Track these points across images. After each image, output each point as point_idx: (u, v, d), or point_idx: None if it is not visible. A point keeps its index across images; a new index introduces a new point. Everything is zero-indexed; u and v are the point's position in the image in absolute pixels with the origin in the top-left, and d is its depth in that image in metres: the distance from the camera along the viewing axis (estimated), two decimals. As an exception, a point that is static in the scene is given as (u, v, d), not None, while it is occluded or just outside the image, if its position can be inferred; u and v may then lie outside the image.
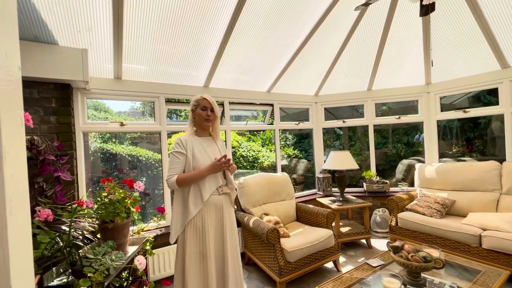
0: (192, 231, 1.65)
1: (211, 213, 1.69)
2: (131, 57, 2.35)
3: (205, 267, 1.63)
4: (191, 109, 1.77)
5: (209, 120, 1.75)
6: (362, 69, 3.58)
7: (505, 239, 2.24)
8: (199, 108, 1.74)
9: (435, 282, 1.72)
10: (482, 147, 4.90)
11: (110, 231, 1.70)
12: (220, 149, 1.83)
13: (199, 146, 1.73)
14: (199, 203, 1.65)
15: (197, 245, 1.64)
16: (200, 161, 1.68)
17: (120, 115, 4.56)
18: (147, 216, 2.89)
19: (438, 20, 2.85)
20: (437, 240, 2.68)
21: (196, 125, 1.80)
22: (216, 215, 1.72)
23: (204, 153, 1.73)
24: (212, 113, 1.75)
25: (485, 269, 1.88)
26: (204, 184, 1.67)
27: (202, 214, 1.66)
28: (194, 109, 1.76)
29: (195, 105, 1.75)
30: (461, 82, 3.36)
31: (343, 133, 5.69)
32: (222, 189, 1.75)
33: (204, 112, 1.73)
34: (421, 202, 3.01)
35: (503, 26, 2.64)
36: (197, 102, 1.75)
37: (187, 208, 1.64)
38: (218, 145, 1.84)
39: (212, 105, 1.74)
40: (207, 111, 1.73)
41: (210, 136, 1.84)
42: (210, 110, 1.74)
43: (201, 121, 1.75)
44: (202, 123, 1.75)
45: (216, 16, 2.27)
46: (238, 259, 1.79)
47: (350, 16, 2.85)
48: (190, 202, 1.63)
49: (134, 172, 3.32)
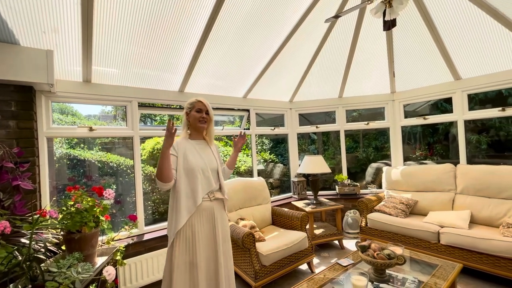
0: (181, 240, 1.59)
1: (202, 221, 1.65)
2: (101, 59, 2.28)
3: (195, 278, 1.57)
4: (186, 112, 1.75)
5: (203, 122, 1.73)
6: (334, 77, 3.77)
7: (459, 235, 2.46)
8: (193, 110, 1.72)
9: (398, 277, 1.85)
10: (442, 151, 5.33)
11: (77, 242, 1.62)
12: (214, 152, 1.81)
13: (191, 148, 1.70)
14: (191, 207, 1.61)
15: (186, 255, 1.58)
16: (192, 162, 1.65)
17: (90, 119, 4.34)
18: (118, 225, 2.77)
19: (400, 34, 3.10)
20: (402, 238, 2.87)
21: (190, 127, 1.78)
22: (208, 223, 1.67)
23: (197, 154, 1.70)
24: (207, 116, 1.74)
25: (442, 263, 2.05)
26: (196, 186, 1.63)
27: (192, 221, 1.61)
28: (188, 111, 1.74)
29: (189, 107, 1.74)
30: (421, 91, 3.66)
31: (317, 138, 5.90)
32: (213, 194, 1.72)
33: (199, 114, 1.72)
34: (388, 203, 3.21)
35: (455, 42, 2.94)
36: (192, 104, 1.74)
37: (178, 213, 1.59)
38: (212, 149, 1.82)
39: (207, 108, 1.74)
40: (202, 113, 1.72)
41: (204, 140, 1.82)
42: (205, 113, 1.73)
43: (196, 122, 1.73)
44: (197, 124, 1.73)
45: (192, 20, 2.27)
46: (231, 269, 1.76)
47: (321, 27, 3.00)
48: (182, 206, 1.59)
49: (104, 179, 3.17)
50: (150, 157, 3.65)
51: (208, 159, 1.73)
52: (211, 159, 1.76)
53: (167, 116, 5.60)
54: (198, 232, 1.61)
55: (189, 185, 1.63)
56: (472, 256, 2.38)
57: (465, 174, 3.00)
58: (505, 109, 3.04)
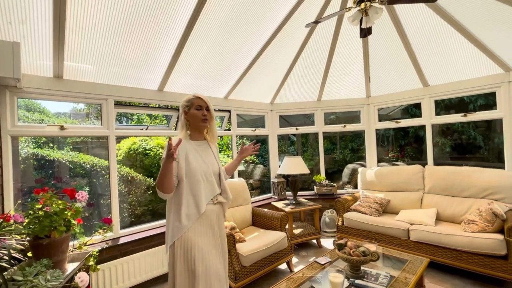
0: (181, 247, 1.45)
1: (203, 226, 1.51)
2: (75, 55, 2.16)
3: (196, 286, 1.45)
4: (183, 111, 1.59)
5: (206, 120, 1.58)
6: (313, 81, 3.87)
7: (426, 232, 2.63)
8: (193, 108, 1.56)
9: (372, 273, 1.94)
10: (412, 153, 5.67)
11: (45, 247, 1.52)
12: (214, 153, 1.68)
13: (193, 151, 1.55)
14: (193, 215, 1.46)
15: (187, 263, 1.45)
16: (195, 167, 1.49)
17: (60, 116, 4.09)
18: (91, 228, 2.64)
19: (375, 42, 3.26)
20: (376, 236, 3.01)
21: (190, 127, 1.61)
22: (210, 228, 1.54)
23: (199, 157, 1.55)
24: (208, 113, 1.59)
25: (411, 258, 2.19)
26: (199, 193, 1.48)
27: (194, 228, 1.48)
28: (187, 110, 1.58)
29: (187, 105, 1.58)
30: (394, 96, 3.88)
31: (297, 139, 6.02)
32: (216, 198, 1.59)
33: (199, 112, 1.56)
34: (363, 203, 3.36)
35: (424, 51, 3.15)
36: (190, 102, 1.58)
37: (178, 221, 1.44)
38: (212, 149, 1.68)
39: (208, 104, 1.59)
40: (202, 110, 1.57)
41: (205, 139, 1.67)
42: (206, 109, 1.58)
43: (197, 122, 1.57)
44: (199, 124, 1.58)
45: (173, 18, 2.23)
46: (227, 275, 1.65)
47: (302, 31, 3.07)
48: (182, 214, 1.44)
49: (75, 180, 3.00)
50: (127, 158, 3.52)
51: (210, 162, 1.60)
52: (213, 161, 1.62)
53: (145, 115, 5.43)
54: (200, 239, 1.48)
55: (191, 191, 1.48)
56: (438, 251, 2.56)
57: (432, 175, 3.22)
58: (466, 114, 3.31)
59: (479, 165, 3.07)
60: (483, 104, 4.67)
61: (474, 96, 4.77)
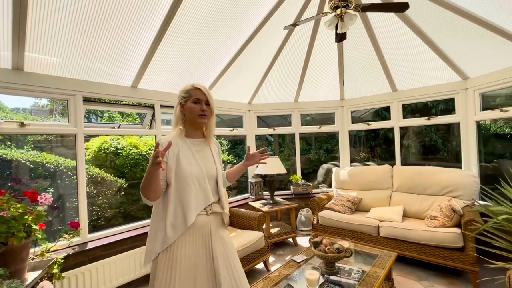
0: (167, 260, 1.20)
1: (194, 241, 1.27)
2: (38, 45, 1.99)
3: None
4: (179, 103, 1.37)
5: (204, 116, 1.36)
6: (291, 82, 3.94)
7: (394, 227, 2.80)
8: (190, 101, 1.34)
9: (346, 269, 2.02)
10: (381, 153, 6.00)
11: (1, 256, 1.39)
12: (214, 154, 1.45)
13: (186, 150, 1.33)
14: (180, 226, 1.22)
15: (171, 278, 1.18)
16: (186, 169, 1.27)
17: (18, 112, 3.76)
18: (55, 233, 2.45)
19: (349, 47, 3.40)
20: (349, 233, 3.14)
21: (186, 123, 1.38)
22: (202, 241, 1.29)
23: (193, 159, 1.33)
24: (208, 108, 1.37)
25: (381, 253, 2.31)
26: (189, 201, 1.25)
27: (180, 242, 1.23)
28: (183, 102, 1.36)
29: (184, 97, 1.36)
30: (366, 99, 4.08)
31: (274, 140, 6.10)
32: (211, 207, 1.35)
33: (197, 106, 1.34)
34: (336, 201, 3.48)
35: (393, 58, 3.35)
36: (188, 93, 1.36)
37: (162, 231, 1.22)
38: (212, 149, 1.46)
39: (208, 97, 1.37)
40: (201, 104, 1.35)
41: (203, 137, 1.46)
42: (205, 104, 1.37)
43: (194, 117, 1.35)
44: (195, 119, 1.35)
45: (150, 11, 2.14)
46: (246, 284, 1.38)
47: (281, 33, 3.11)
48: (167, 223, 1.21)
49: (37, 182, 2.77)
50: (96, 157, 3.32)
51: (206, 165, 1.37)
52: (210, 164, 1.40)
53: (117, 113, 5.16)
54: (189, 257, 1.23)
55: (179, 198, 1.25)
56: (404, 245, 2.73)
57: (399, 174, 3.43)
58: (429, 118, 3.57)
59: (440, 165, 3.33)
60: (443, 109, 5.08)
61: (436, 101, 5.17)
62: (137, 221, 2.85)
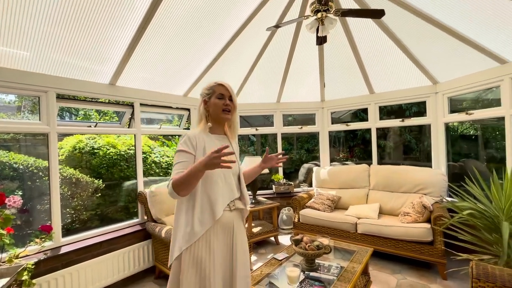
0: (191, 259, 1.23)
1: (217, 235, 1.29)
2: (5, 37, 1.86)
3: None
4: (203, 100, 1.40)
5: (227, 111, 1.38)
6: (273, 83, 3.99)
7: (371, 224, 2.93)
8: (214, 97, 1.37)
9: (325, 265, 2.09)
10: (359, 153, 6.23)
11: (-36, 263, 1.29)
12: (235, 151, 1.50)
13: (212, 145, 1.31)
14: (207, 221, 1.25)
15: (196, 278, 1.23)
16: None
17: (-19, 109, 3.48)
18: (25, 238, 2.31)
19: (330, 50, 3.51)
20: (329, 230, 3.24)
21: (210, 119, 1.41)
22: (225, 238, 1.32)
23: None
24: (231, 103, 1.39)
25: (358, 249, 2.41)
26: (216, 195, 1.27)
27: (206, 237, 1.26)
28: (207, 99, 1.39)
29: (208, 93, 1.39)
30: (345, 101, 4.22)
31: (257, 140, 6.13)
32: (234, 203, 1.37)
33: (221, 101, 1.36)
34: (317, 200, 3.58)
35: (371, 61, 3.50)
36: (211, 89, 1.38)
37: (190, 227, 1.24)
38: (233, 146, 1.46)
39: (231, 93, 1.40)
40: (224, 99, 1.37)
41: (225, 134, 1.48)
42: (229, 99, 1.38)
43: (218, 112, 1.36)
44: (219, 115, 1.37)
45: (130, 5, 2.07)
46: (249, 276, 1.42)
47: (263, 34, 3.14)
48: (195, 219, 1.24)
49: (3, 184, 2.59)
50: (71, 157, 3.16)
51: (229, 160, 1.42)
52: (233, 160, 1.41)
53: (94, 111, 4.93)
54: (214, 250, 1.26)
55: (206, 193, 1.27)
56: (380, 241, 2.87)
57: (376, 173, 3.59)
58: (404, 120, 3.77)
59: (413, 164, 3.54)
60: (416, 111, 5.37)
61: (410, 104, 5.46)
62: (115, 223, 2.75)
